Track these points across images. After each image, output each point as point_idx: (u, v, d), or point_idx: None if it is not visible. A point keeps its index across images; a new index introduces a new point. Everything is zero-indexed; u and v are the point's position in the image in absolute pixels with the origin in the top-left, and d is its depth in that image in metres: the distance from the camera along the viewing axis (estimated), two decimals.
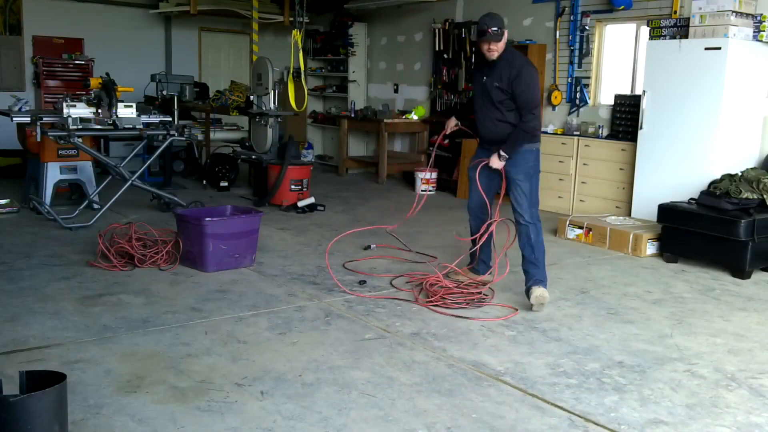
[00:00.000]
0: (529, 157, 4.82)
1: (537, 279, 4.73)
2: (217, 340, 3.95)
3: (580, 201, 8.07)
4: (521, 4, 9.08)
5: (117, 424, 2.95)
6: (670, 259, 6.15)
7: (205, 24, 11.68)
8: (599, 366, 3.75)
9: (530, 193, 4.81)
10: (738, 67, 6.42)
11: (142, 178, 7.45)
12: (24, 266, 5.30)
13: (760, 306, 4.97)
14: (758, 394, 3.48)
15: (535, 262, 4.75)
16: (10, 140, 8.68)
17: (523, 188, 4.80)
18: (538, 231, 4.79)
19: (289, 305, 4.62)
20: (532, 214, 4.80)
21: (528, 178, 4.82)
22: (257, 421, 3.02)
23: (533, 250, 4.76)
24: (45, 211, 6.75)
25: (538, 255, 4.76)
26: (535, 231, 4.78)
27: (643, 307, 4.85)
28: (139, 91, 9.28)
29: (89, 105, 6.98)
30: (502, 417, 3.13)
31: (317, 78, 12.71)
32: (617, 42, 8.34)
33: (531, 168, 4.84)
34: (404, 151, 11.20)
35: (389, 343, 3.99)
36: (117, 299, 4.61)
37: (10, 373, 3.27)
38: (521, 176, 4.80)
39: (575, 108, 8.50)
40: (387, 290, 5.02)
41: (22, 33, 10.30)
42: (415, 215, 5.71)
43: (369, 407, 3.18)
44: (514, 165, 4.79)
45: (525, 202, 4.80)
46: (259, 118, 8.47)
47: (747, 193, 5.86)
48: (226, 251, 5.34)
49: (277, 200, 7.99)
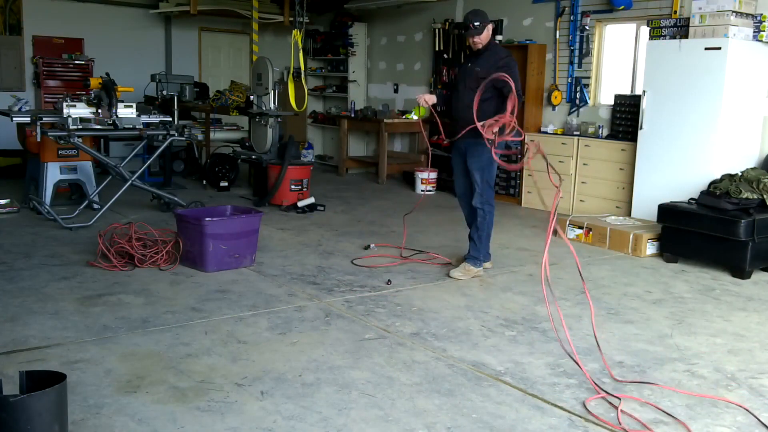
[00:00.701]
0: (486, 151, 5.10)
1: (471, 255, 5.40)
2: (217, 340, 3.95)
3: (580, 201, 8.07)
4: (521, 4, 9.08)
5: (117, 424, 2.95)
6: (670, 259, 6.15)
7: (205, 24, 11.69)
8: (599, 366, 3.75)
9: (482, 183, 5.30)
10: (738, 67, 6.42)
11: (142, 178, 7.45)
12: (24, 266, 5.30)
13: (760, 306, 4.97)
14: (758, 394, 3.48)
15: (476, 240, 5.38)
16: (10, 140, 8.68)
17: (476, 178, 5.30)
18: (485, 215, 5.35)
19: (289, 305, 4.62)
20: (482, 200, 5.33)
21: (480, 170, 5.28)
22: (257, 421, 3.02)
23: (476, 231, 5.38)
24: (45, 211, 6.75)
25: (481, 235, 5.38)
26: (482, 215, 5.34)
27: (643, 307, 4.86)
28: (139, 91, 9.28)
29: (89, 105, 6.98)
30: (502, 417, 3.14)
31: (317, 78, 12.72)
32: (617, 42, 8.34)
33: (485, 162, 5.25)
34: (404, 151, 11.20)
35: (389, 343, 3.99)
36: (117, 299, 4.61)
37: (10, 373, 3.27)
38: (475, 167, 5.29)
39: (575, 108, 8.50)
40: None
41: (22, 33, 10.31)
42: (415, 215, 5.71)
43: (369, 407, 3.18)
44: (471, 155, 5.28)
45: (477, 189, 5.31)
46: (259, 118, 8.48)
47: (747, 193, 5.86)
48: (226, 251, 5.34)
49: (277, 200, 7.99)
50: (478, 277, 5.39)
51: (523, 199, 8.68)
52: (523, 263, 5.91)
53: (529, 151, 5.71)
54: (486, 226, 5.40)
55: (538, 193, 8.24)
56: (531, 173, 8.45)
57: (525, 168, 6.87)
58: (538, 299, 4.91)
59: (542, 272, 3.60)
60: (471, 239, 5.44)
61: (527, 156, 5.72)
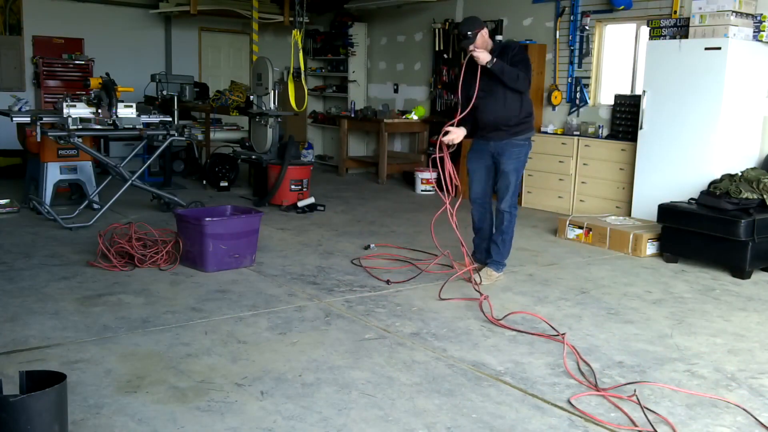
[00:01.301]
0: (522, 151, 5.24)
1: (494, 260, 5.31)
2: (217, 340, 3.95)
3: (580, 201, 8.07)
4: (521, 4, 9.08)
5: (117, 424, 2.95)
6: (670, 259, 6.15)
7: (205, 24, 11.68)
8: (599, 366, 3.75)
9: (515, 185, 5.26)
10: (738, 67, 6.42)
11: (142, 178, 7.45)
12: (24, 266, 5.30)
13: (760, 306, 4.97)
14: (758, 394, 3.48)
15: (500, 244, 5.29)
16: (10, 140, 8.68)
17: (511, 179, 5.22)
18: (512, 218, 5.27)
19: (289, 305, 4.62)
20: (511, 204, 5.26)
21: (516, 171, 5.22)
22: (257, 421, 3.02)
23: (501, 234, 5.29)
24: (45, 211, 6.75)
25: (506, 239, 5.30)
26: (509, 218, 5.26)
27: (643, 307, 4.86)
28: (139, 91, 9.28)
29: (89, 105, 6.98)
30: (502, 417, 3.14)
31: (317, 78, 12.71)
32: (617, 42, 8.34)
33: (522, 162, 5.26)
34: (404, 151, 11.21)
35: (389, 343, 3.99)
36: (117, 299, 4.61)
37: (10, 373, 3.27)
38: (511, 168, 5.20)
39: (575, 108, 8.50)
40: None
41: (22, 33, 10.31)
42: (415, 215, 5.70)
43: (369, 407, 3.18)
44: (509, 157, 5.19)
45: (508, 192, 5.23)
46: (259, 118, 8.48)
47: (747, 193, 5.86)
48: (226, 251, 5.34)
49: (277, 200, 7.99)
50: (501, 280, 5.29)
51: (523, 199, 8.68)
52: (523, 263, 5.91)
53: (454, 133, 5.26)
54: (511, 230, 5.31)
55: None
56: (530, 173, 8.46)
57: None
58: (538, 299, 4.91)
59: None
60: (494, 243, 5.31)
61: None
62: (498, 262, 5.31)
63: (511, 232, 5.32)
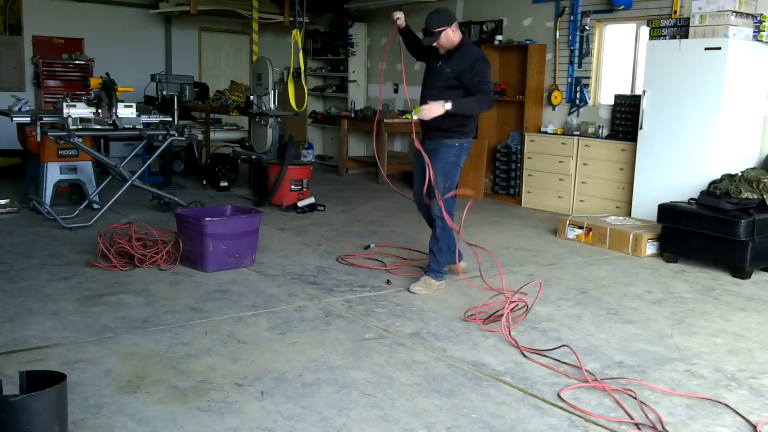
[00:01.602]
0: (451, 152, 4.95)
1: (432, 269, 5.03)
2: (217, 340, 3.95)
3: (580, 201, 8.07)
4: (521, 4, 9.08)
5: (117, 424, 2.95)
6: (670, 259, 6.15)
7: (205, 24, 11.69)
8: (599, 366, 3.75)
9: (443, 188, 4.92)
10: (738, 67, 6.42)
11: (142, 178, 7.45)
12: (24, 266, 5.30)
13: (760, 306, 4.97)
14: (758, 394, 3.48)
15: (436, 253, 5.01)
16: (10, 140, 8.68)
17: (438, 181, 4.90)
18: (444, 224, 4.94)
19: (289, 305, 4.62)
20: (440, 209, 4.91)
21: (443, 174, 4.93)
22: (257, 421, 3.02)
23: (436, 242, 5.02)
24: (45, 211, 6.75)
25: (441, 246, 5.01)
26: (440, 224, 4.95)
27: (643, 307, 4.86)
28: (139, 91, 9.28)
29: (89, 105, 6.98)
30: (502, 417, 3.14)
31: (317, 78, 12.71)
32: (617, 42, 8.34)
33: (450, 165, 4.97)
34: (404, 151, 11.20)
35: (389, 343, 3.99)
36: (117, 299, 4.61)
37: (10, 373, 3.27)
38: (438, 169, 4.90)
39: (575, 108, 8.50)
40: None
41: (22, 33, 10.31)
42: (415, 215, 5.70)
43: (369, 407, 3.18)
44: (437, 158, 4.91)
45: (437, 195, 4.89)
46: (259, 118, 8.48)
47: (747, 193, 5.86)
48: (226, 251, 5.34)
49: (277, 200, 7.99)
50: (441, 290, 5.05)
51: (523, 199, 8.68)
52: (522, 263, 5.91)
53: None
54: (445, 237, 5.02)
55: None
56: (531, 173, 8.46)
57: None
58: (538, 299, 4.91)
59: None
60: (431, 252, 5.06)
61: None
62: (436, 271, 5.03)
63: (446, 239, 5.03)
